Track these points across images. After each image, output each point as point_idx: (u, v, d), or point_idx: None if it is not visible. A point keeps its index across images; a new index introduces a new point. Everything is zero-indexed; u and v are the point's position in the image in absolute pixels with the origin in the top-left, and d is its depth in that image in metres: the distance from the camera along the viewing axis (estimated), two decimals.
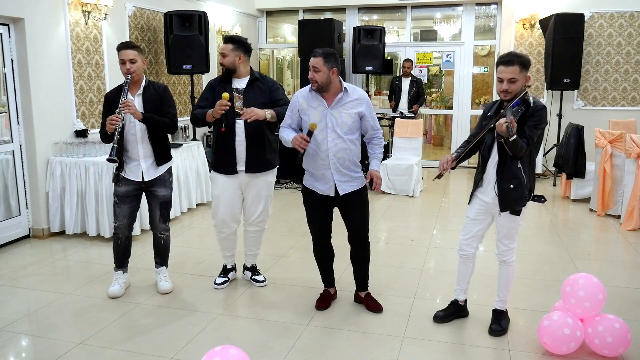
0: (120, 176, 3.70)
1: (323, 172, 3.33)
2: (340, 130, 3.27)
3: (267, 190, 3.78)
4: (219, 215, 3.77)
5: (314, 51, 3.24)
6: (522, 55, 2.99)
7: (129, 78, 3.55)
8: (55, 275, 4.25)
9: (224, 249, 3.96)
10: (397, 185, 6.98)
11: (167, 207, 3.84)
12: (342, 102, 3.28)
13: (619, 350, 2.88)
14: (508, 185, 3.01)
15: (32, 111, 4.97)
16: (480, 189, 3.18)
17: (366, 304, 3.58)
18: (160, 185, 3.76)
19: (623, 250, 4.91)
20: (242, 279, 4.07)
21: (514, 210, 3.05)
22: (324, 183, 3.36)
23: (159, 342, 3.16)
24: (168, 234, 3.90)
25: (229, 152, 3.61)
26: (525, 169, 3.01)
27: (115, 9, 5.89)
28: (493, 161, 3.08)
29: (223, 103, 3.42)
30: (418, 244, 4.99)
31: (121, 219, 3.76)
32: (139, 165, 3.67)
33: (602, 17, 7.88)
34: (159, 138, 3.73)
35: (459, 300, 3.43)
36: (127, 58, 3.54)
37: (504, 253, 3.19)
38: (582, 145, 6.45)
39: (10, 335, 3.26)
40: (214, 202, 3.79)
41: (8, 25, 4.82)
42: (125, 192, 3.71)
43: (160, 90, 3.73)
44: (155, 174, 3.73)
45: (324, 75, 3.20)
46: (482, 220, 3.23)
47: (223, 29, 8.05)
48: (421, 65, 9.18)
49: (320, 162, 3.32)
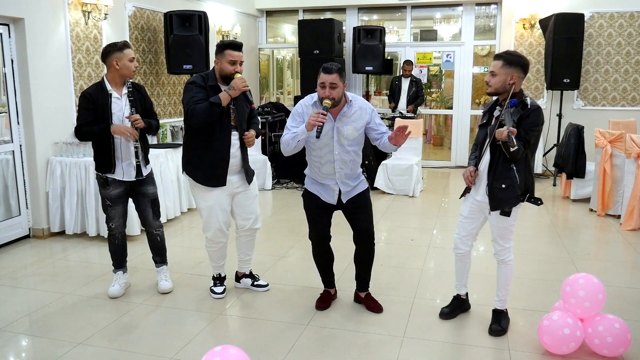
0: (109, 179, 3.66)
1: (328, 182, 3.33)
2: (346, 143, 3.26)
3: (254, 189, 3.75)
4: (214, 225, 3.58)
5: (326, 67, 3.15)
6: (512, 53, 3.01)
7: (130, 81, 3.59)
8: (55, 275, 4.25)
9: (218, 259, 3.77)
10: (397, 185, 6.98)
11: (158, 204, 3.85)
12: (348, 115, 3.26)
13: (619, 350, 2.88)
14: (499, 185, 3.02)
15: (32, 111, 4.97)
16: (473, 187, 3.21)
17: (366, 304, 3.57)
18: (150, 183, 3.78)
19: (623, 250, 4.90)
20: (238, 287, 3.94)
21: (504, 211, 3.05)
22: (327, 192, 3.36)
23: (159, 342, 3.16)
24: (162, 230, 3.91)
25: (221, 165, 3.48)
26: (520, 169, 3.00)
27: (115, 9, 5.89)
28: (486, 160, 3.10)
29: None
30: (418, 244, 4.99)
31: (117, 219, 3.76)
32: (131, 164, 3.66)
33: (602, 17, 7.88)
34: (144, 137, 3.76)
35: (461, 294, 3.47)
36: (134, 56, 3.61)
37: (500, 253, 3.20)
38: (582, 145, 6.45)
39: (10, 335, 3.26)
40: (206, 214, 3.57)
41: (8, 25, 4.82)
42: (117, 193, 3.70)
43: (142, 91, 3.77)
44: (146, 171, 3.75)
45: (340, 91, 3.16)
46: (476, 219, 3.25)
47: (223, 29, 8.05)
48: (421, 65, 9.17)
49: (325, 173, 3.31)
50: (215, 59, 3.46)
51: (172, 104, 7.19)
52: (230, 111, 3.47)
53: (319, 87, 3.18)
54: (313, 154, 3.32)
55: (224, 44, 3.45)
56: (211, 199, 3.54)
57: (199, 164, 3.51)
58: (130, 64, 3.57)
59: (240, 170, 3.61)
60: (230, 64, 3.40)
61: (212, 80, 3.45)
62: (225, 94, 3.35)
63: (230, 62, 3.40)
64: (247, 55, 9.22)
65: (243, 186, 3.64)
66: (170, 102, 7.15)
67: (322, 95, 3.15)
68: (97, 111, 3.54)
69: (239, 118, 3.53)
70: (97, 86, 3.62)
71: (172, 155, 5.78)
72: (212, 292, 3.80)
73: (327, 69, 3.14)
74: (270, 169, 7.41)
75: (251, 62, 9.44)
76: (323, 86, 3.14)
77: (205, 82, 3.43)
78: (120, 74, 3.58)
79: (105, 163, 3.62)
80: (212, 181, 3.50)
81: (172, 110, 7.21)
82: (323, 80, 3.13)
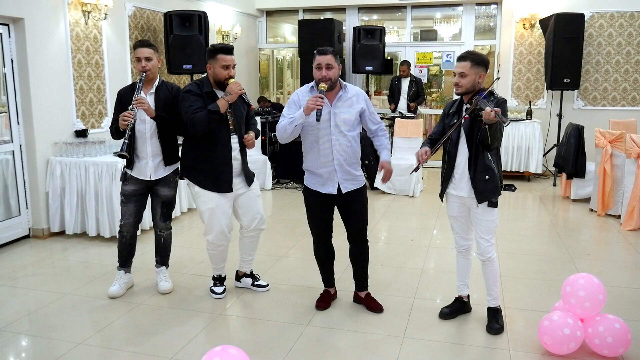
0: (127, 174, 3.70)
1: (326, 170, 3.32)
2: (344, 127, 3.28)
3: (257, 189, 3.75)
4: (216, 228, 3.56)
5: (321, 49, 3.22)
6: (476, 54, 3.16)
7: (143, 75, 3.55)
8: (55, 275, 4.25)
9: (219, 261, 3.76)
10: (397, 185, 6.98)
11: (169, 207, 3.83)
12: (343, 99, 3.30)
13: (619, 350, 2.88)
14: (483, 177, 3.08)
15: (32, 111, 4.97)
16: (452, 185, 3.23)
17: (366, 304, 3.57)
18: (164, 185, 3.75)
19: (623, 250, 4.90)
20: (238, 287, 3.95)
21: (491, 202, 3.12)
22: (326, 182, 3.34)
23: (159, 342, 3.16)
24: (169, 232, 3.90)
25: (225, 171, 3.48)
26: (494, 160, 3.12)
27: (115, 9, 5.89)
28: (463, 156, 3.14)
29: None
30: (418, 244, 4.99)
31: (127, 217, 3.76)
32: (147, 164, 3.67)
33: (602, 17, 7.88)
34: (168, 137, 3.71)
35: (463, 296, 3.48)
36: (143, 56, 3.56)
37: (487, 250, 3.21)
38: (582, 145, 6.45)
39: (10, 335, 3.26)
40: (208, 217, 3.54)
41: (8, 25, 4.82)
42: (132, 190, 3.71)
43: (173, 91, 3.71)
44: (162, 173, 3.72)
45: (336, 72, 3.21)
46: (465, 216, 3.29)
47: (223, 29, 8.05)
48: (421, 65, 9.17)
49: (323, 159, 3.30)
50: (208, 64, 3.44)
51: None
52: (228, 116, 3.48)
53: (315, 70, 3.22)
54: (310, 140, 3.32)
55: (215, 49, 3.43)
56: (212, 202, 3.52)
57: (202, 170, 3.50)
58: (137, 63, 3.61)
59: (240, 173, 3.60)
60: (224, 69, 3.40)
61: (207, 87, 3.45)
62: (222, 101, 3.36)
63: (223, 66, 3.39)
64: (247, 55, 9.23)
65: (244, 188, 3.64)
66: None
67: (318, 76, 3.20)
68: (124, 109, 3.54)
69: (237, 121, 3.53)
70: (131, 85, 3.73)
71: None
72: (212, 292, 3.80)
73: (322, 50, 3.21)
74: (270, 169, 7.40)
75: (251, 62, 9.44)
76: (319, 67, 3.19)
77: (200, 89, 3.43)
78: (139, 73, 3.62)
79: (130, 158, 3.64)
80: (219, 187, 3.50)
81: None
82: (319, 62, 3.19)
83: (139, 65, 3.58)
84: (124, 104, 3.57)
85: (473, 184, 3.11)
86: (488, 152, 3.08)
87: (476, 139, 3.05)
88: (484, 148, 3.06)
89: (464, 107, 3.15)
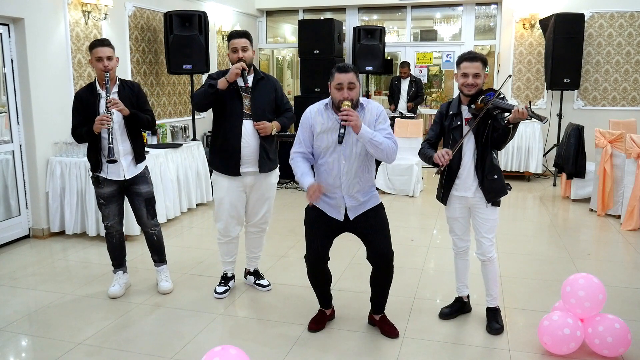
0: (100, 178, 3.66)
1: (334, 194, 3.03)
2: (356, 150, 2.97)
3: (270, 192, 3.75)
4: (223, 217, 3.66)
5: (341, 66, 2.88)
6: (481, 54, 3.21)
7: (107, 75, 3.49)
8: (55, 275, 4.25)
9: (225, 254, 3.82)
10: (397, 185, 6.98)
11: (152, 203, 3.83)
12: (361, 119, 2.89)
13: (619, 350, 2.88)
14: (492, 177, 3.10)
15: (32, 111, 4.97)
16: (456, 186, 3.21)
17: (381, 328, 3.25)
18: (142, 182, 3.76)
19: (623, 250, 4.90)
20: (245, 283, 4.03)
21: (495, 202, 3.16)
22: (333, 206, 3.06)
23: (159, 342, 3.16)
24: (159, 228, 3.89)
25: (234, 154, 3.52)
26: (498, 160, 3.17)
27: (115, 9, 5.89)
28: (469, 157, 3.12)
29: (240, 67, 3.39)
30: (418, 244, 4.98)
31: (112, 217, 3.76)
32: (119, 164, 3.65)
33: (602, 17, 7.88)
34: (136, 135, 3.73)
35: (463, 297, 3.48)
36: (105, 55, 3.50)
37: (489, 249, 3.21)
38: (582, 145, 6.45)
39: (10, 335, 3.26)
40: (218, 205, 3.68)
41: (8, 25, 4.82)
42: (110, 192, 3.70)
43: (135, 88, 3.73)
44: (135, 171, 3.72)
45: (358, 92, 2.90)
46: (465, 217, 3.28)
47: (223, 29, 8.05)
48: (421, 65, 9.17)
49: (332, 184, 3.02)
50: (228, 52, 3.63)
51: (172, 104, 7.19)
52: (243, 98, 3.52)
53: (334, 90, 2.89)
54: (319, 161, 3.06)
55: (229, 35, 3.61)
56: (223, 190, 3.62)
57: (217, 153, 3.63)
58: (98, 63, 3.50)
59: (253, 160, 3.56)
60: (233, 52, 3.54)
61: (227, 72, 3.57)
62: (222, 79, 3.46)
63: (233, 49, 3.54)
64: None
65: (257, 180, 3.63)
66: (170, 102, 7.15)
67: (339, 97, 2.85)
68: (87, 112, 3.54)
69: (254, 106, 3.53)
70: (88, 87, 3.65)
71: (172, 155, 5.77)
72: (214, 292, 3.84)
73: (342, 68, 2.86)
74: None
75: None
76: (340, 88, 2.85)
77: (220, 75, 3.57)
78: (97, 74, 3.58)
79: (94, 162, 3.63)
80: (227, 169, 3.58)
81: (172, 110, 7.21)
82: (340, 81, 2.85)
83: (99, 65, 3.49)
84: (85, 107, 3.55)
85: (481, 184, 3.11)
86: (498, 151, 3.10)
87: (483, 139, 3.05)
88: (492, 147, 3.06)
89: (463, 108, 3.13)
